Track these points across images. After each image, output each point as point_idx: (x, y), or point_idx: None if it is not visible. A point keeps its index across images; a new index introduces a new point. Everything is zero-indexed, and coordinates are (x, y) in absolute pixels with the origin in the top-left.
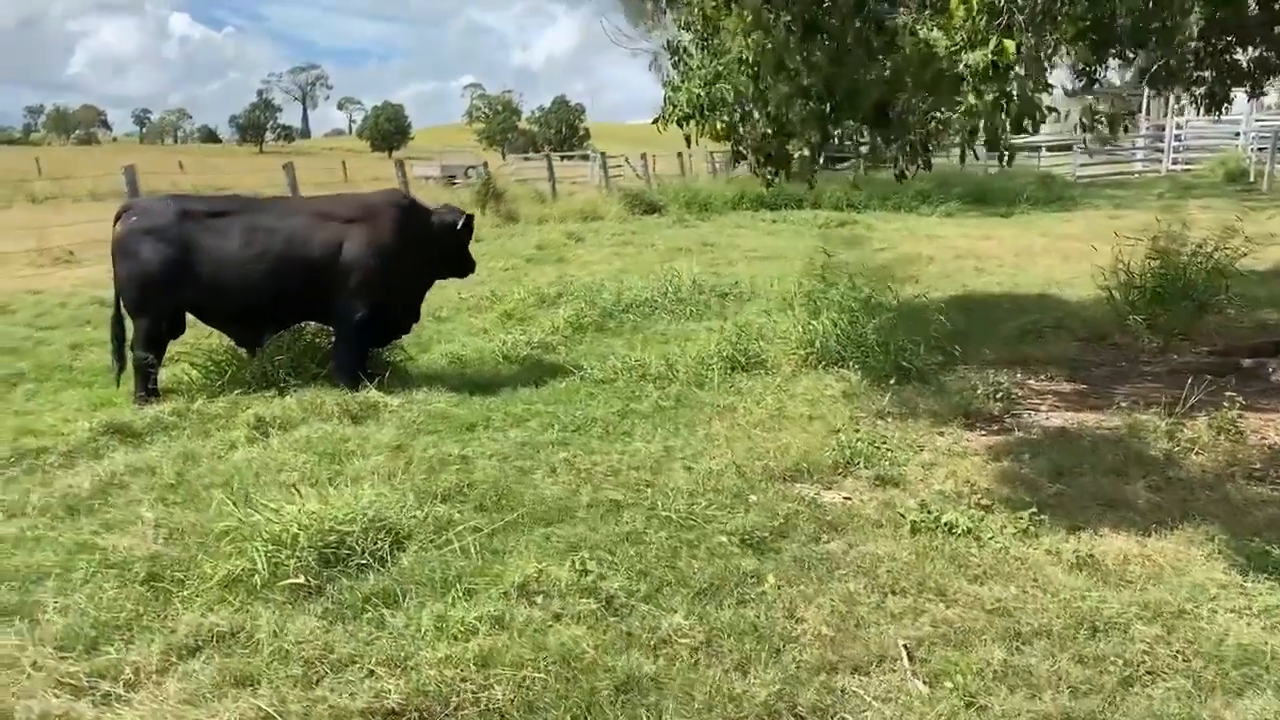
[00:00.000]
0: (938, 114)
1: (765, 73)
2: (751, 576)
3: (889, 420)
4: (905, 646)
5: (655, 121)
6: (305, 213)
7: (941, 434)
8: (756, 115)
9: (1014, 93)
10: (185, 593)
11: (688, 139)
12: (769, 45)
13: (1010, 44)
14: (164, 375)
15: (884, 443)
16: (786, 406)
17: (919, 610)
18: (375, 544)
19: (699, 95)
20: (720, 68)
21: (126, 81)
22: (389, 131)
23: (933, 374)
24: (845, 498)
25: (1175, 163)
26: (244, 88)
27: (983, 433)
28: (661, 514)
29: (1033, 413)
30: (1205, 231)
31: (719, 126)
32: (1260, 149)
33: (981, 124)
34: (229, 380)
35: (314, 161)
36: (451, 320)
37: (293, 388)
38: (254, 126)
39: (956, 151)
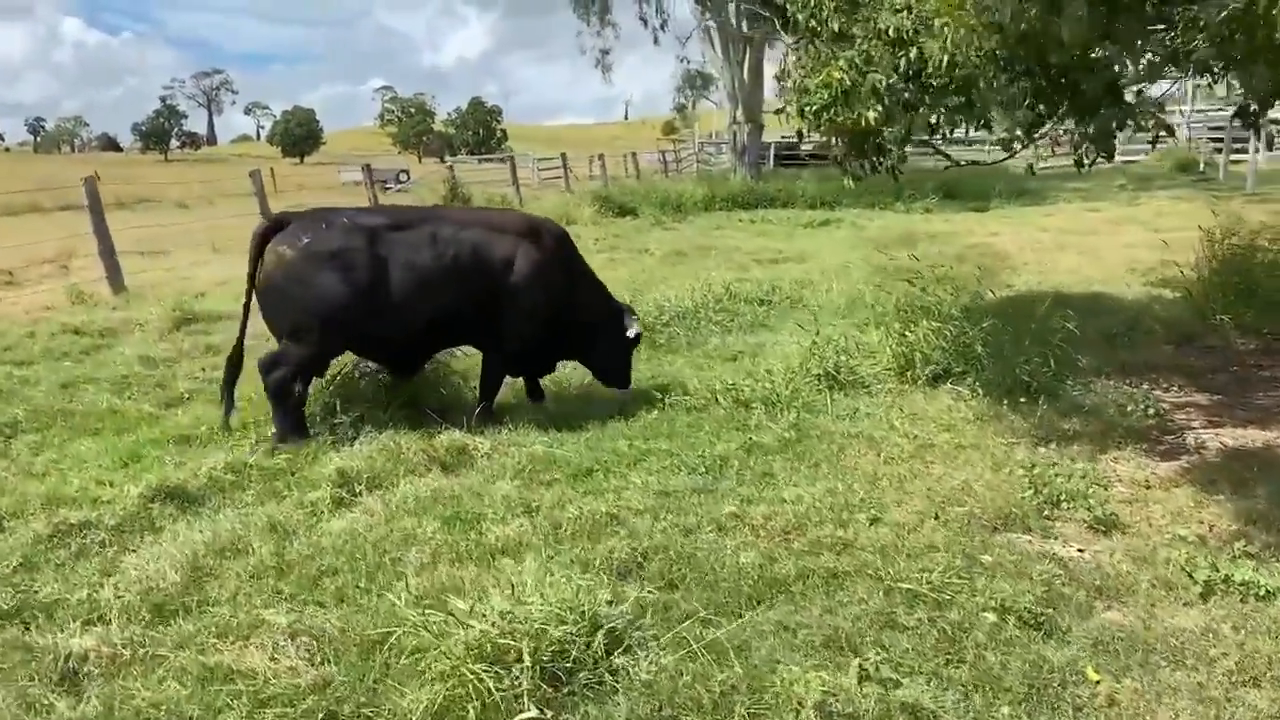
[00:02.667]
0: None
1: (971, 50)
2: (1067, 670)
3: (1051, 447)
4: None
5: (779, 112)
6: (477, 224)
7: (1117, 460)
8: (913, 102)
9: None
10: None
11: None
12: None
13: None
14: (185, 419)
15: (1071, 476)
16: (924, 434)
17: None
18: (592, 648)
19: (842, 82)
20: (875, 49)
21: (17, 89)
22: (300, 136)
23: (1057, 388)
24: (1079, 549)
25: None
26: (145, 94)
27: (1160, 458)
28: (896, 585)
29: (1191, 431)
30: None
31: (872, 117)
32: (1211, 139)
33: None
34: (267, 422)
35: (227, 169)
36: None
37: (345, 429)
38: (158, 134)
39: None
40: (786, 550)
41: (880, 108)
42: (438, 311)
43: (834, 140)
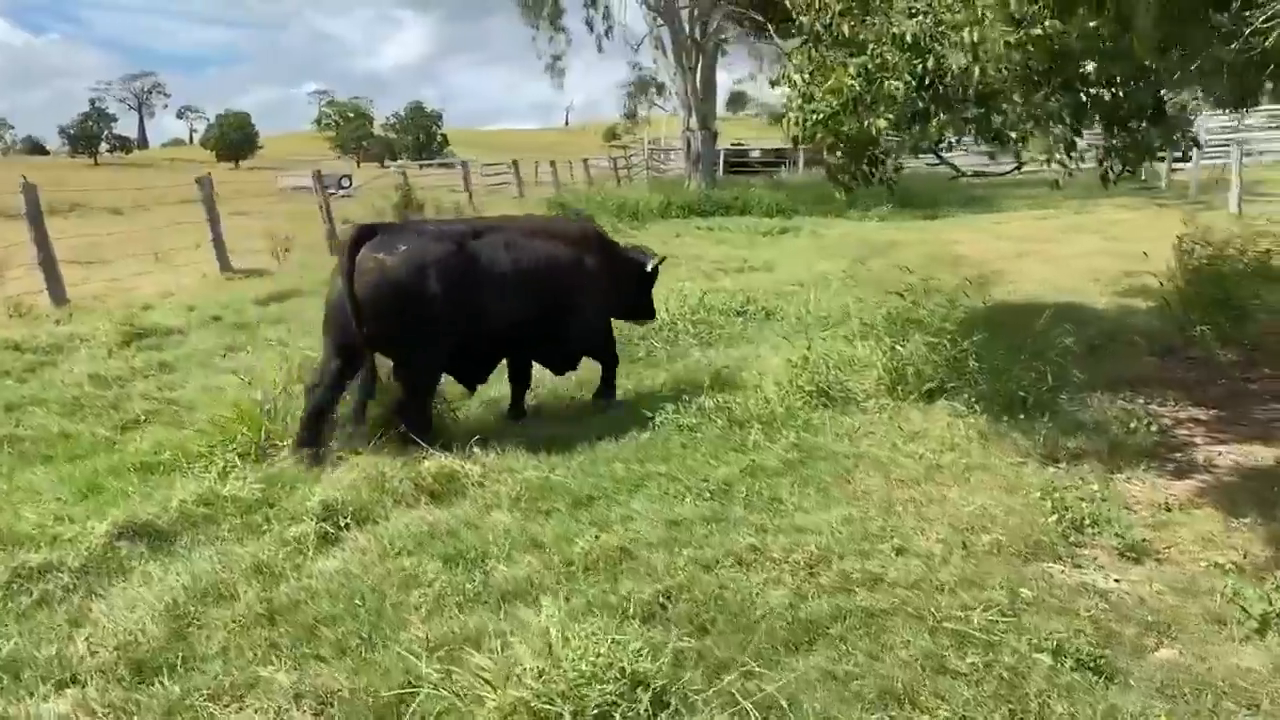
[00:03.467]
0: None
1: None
2: None
3: (1061, 467)
4: None
5: (780, 121)
6: (540, 234)
7: (1130, 480)
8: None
9: None
10: None
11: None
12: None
13: None
14: (144, 444)
15: (1091, 499)
16: (929, 454)
17: None
18: (637, 711)
19: (852, 88)
20: (891, 55)
21: None
22: (236, 141)
23: (1052, 403)
24: (1115, 579)
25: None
26: (72, 97)
27: (1172, 476)
28: (941, 626)
29: (1195, 448)
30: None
31: (882, 126)
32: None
33: None
34: (229, 446)
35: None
36: None
37: (327, 454)
38: (87, 137)
39: None
40: (815, 586)
41: (890, 116)
42: (515, 318)
43: (826, 151)
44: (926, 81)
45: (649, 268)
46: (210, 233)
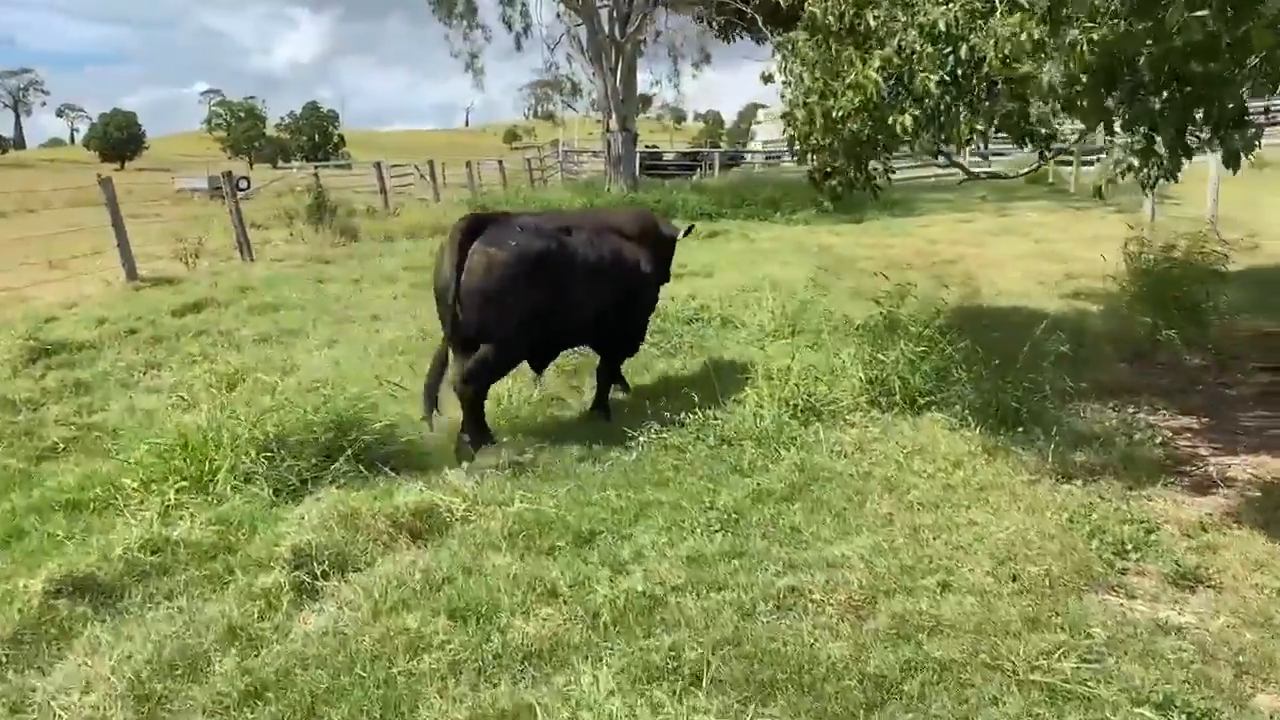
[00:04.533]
0: None
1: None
2: None
3: (1076, 484)
4: None
5: (784, 116)
6: (608, 228)
7: (1151, 498)
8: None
9: None
10: None
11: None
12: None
13: None
14: (68, 478)
15: (1124, 521)
16: (937, 472)
17: None
18: None
19: (878, 85)
20: (920, 45)
21: None
22: (120, 140)
23: (1043, 413)
24: (1190, 614)
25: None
26: None
27: (1192, 492)
28: (1027, 679)
29: (1202, 460)
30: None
31: (908, 123)
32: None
33: None
34: (170, 480)
35: (40, 175)
36: (401, 373)
37: (288, 488)
38: None
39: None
40: (871, 634)
41: (916, 113)
42: (595, 310)
43: (812, 154)
44: (959, 74)
45: (681, 235)
46: (114, 238)
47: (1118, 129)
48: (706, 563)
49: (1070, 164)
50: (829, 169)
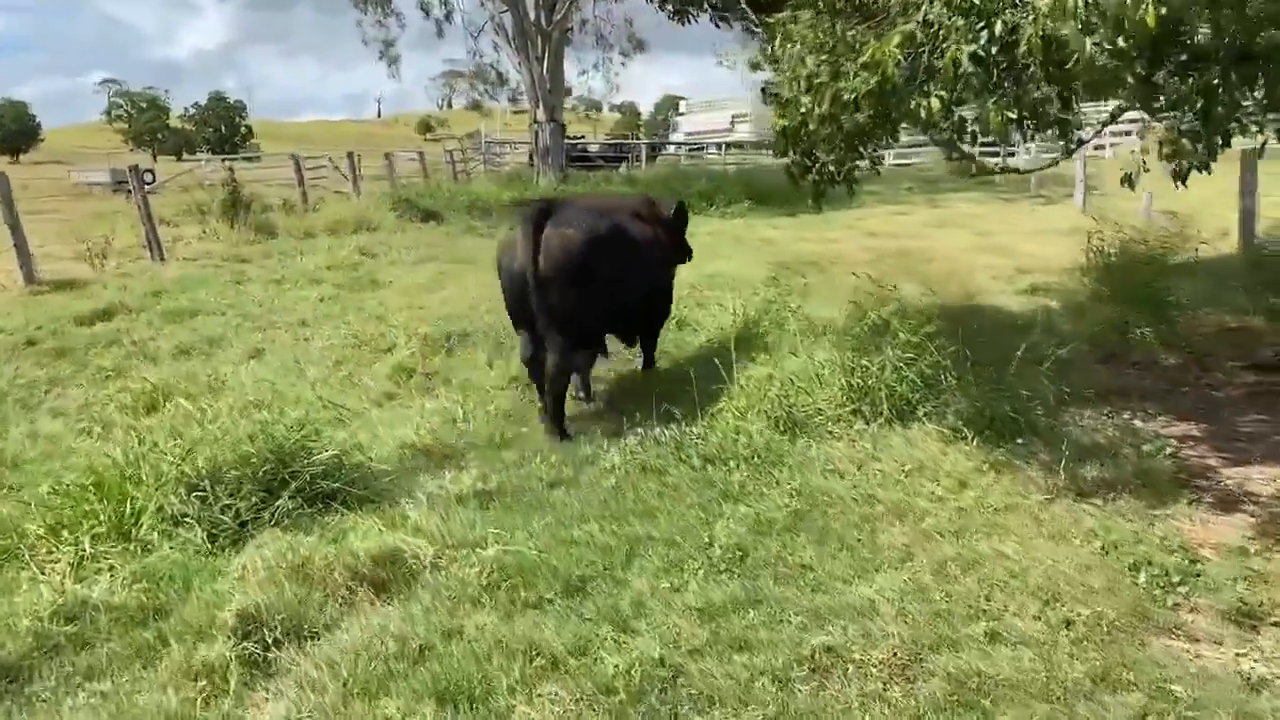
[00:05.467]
0: None
1: None
2: None
3: (1094, 503)
4: None
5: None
6: (640, 215)
7: (1175, 517)
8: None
9: None
10: None
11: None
12: None
13: None
14: None
15: (1159, 546)
16: (944, 494)
17: None
18: None
19: (898, 63)
20: (944, 19)
21: None
22: (13, 132)
23: (1037, 421)
24: (1254, 660)
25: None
26: None
27: (1218, 510)
28: None
29: (1214, 472)
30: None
31: (935, 107)
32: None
33: None
34: (84, 525)
35: None
36: (341, 389)
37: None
38: None
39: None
40: (927, 700)
41: (943, 95)
42: (646, 289)
43: (790, 145)
44: (994, 51)
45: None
46: (10, 238)
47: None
48: (720, 615)
49: (997, 154)
50: (811, 163)
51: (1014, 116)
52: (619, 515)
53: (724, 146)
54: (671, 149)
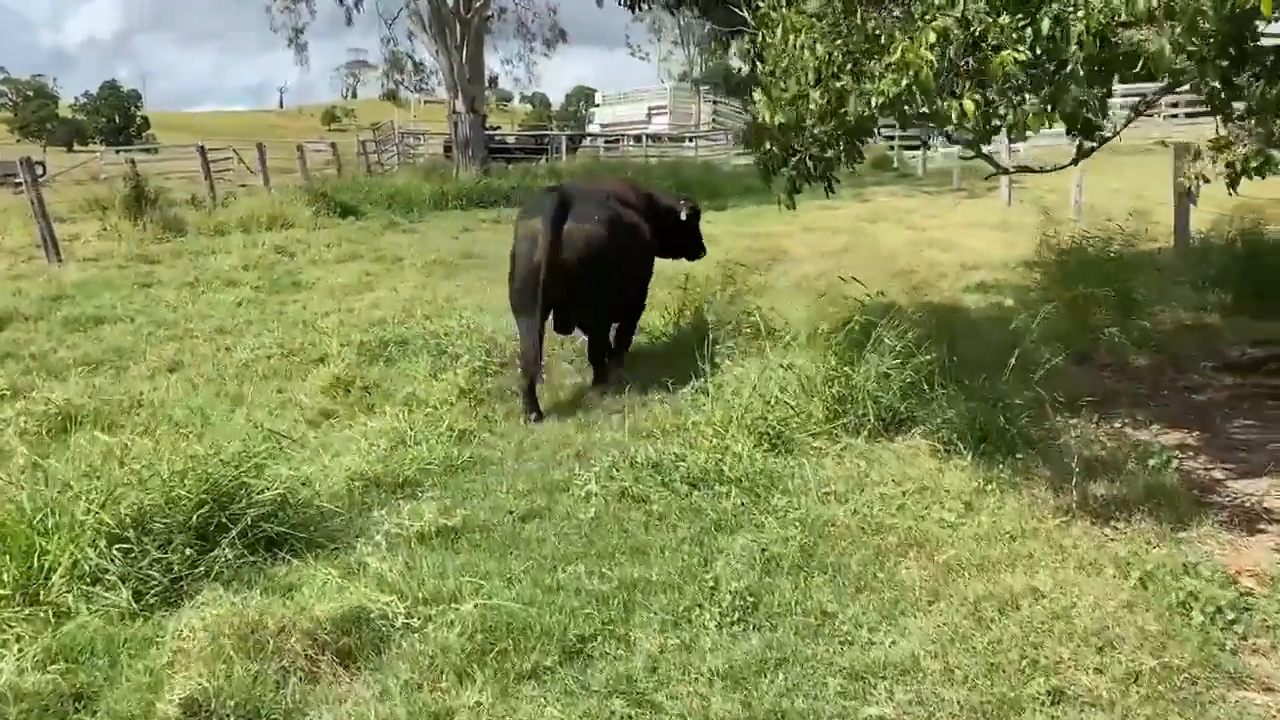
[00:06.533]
0: None
1: None
2: None
3: (1114, 527)
4: None
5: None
6: (629, 199)
7: (1202, 540)
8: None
9: None
10: None
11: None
12: None
13: None
14: None
15: (1215, 581)
16: (954, 519)
17: None
18: None
19: (930, 62)
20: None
21: None
22: None
23: (1026, 431)
24: None
25: None
26: None
27: (1243, 532)
28: None
29: (1228, 488)
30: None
31: (970, 108)
32: (901, 137)
33: None
34: None
35: None
36: (273, 408)
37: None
38: None
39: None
40: None
41: (977, 98)
42: (647, 278)
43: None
44: (1037, 52)
45: (683, 216)
46: None
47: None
48: (746, 679)
49: (916, 148)
50: (789, 156)
51: (1053, 118)
52: (606, 554)
53: (643, 139)
54: (588, 141)
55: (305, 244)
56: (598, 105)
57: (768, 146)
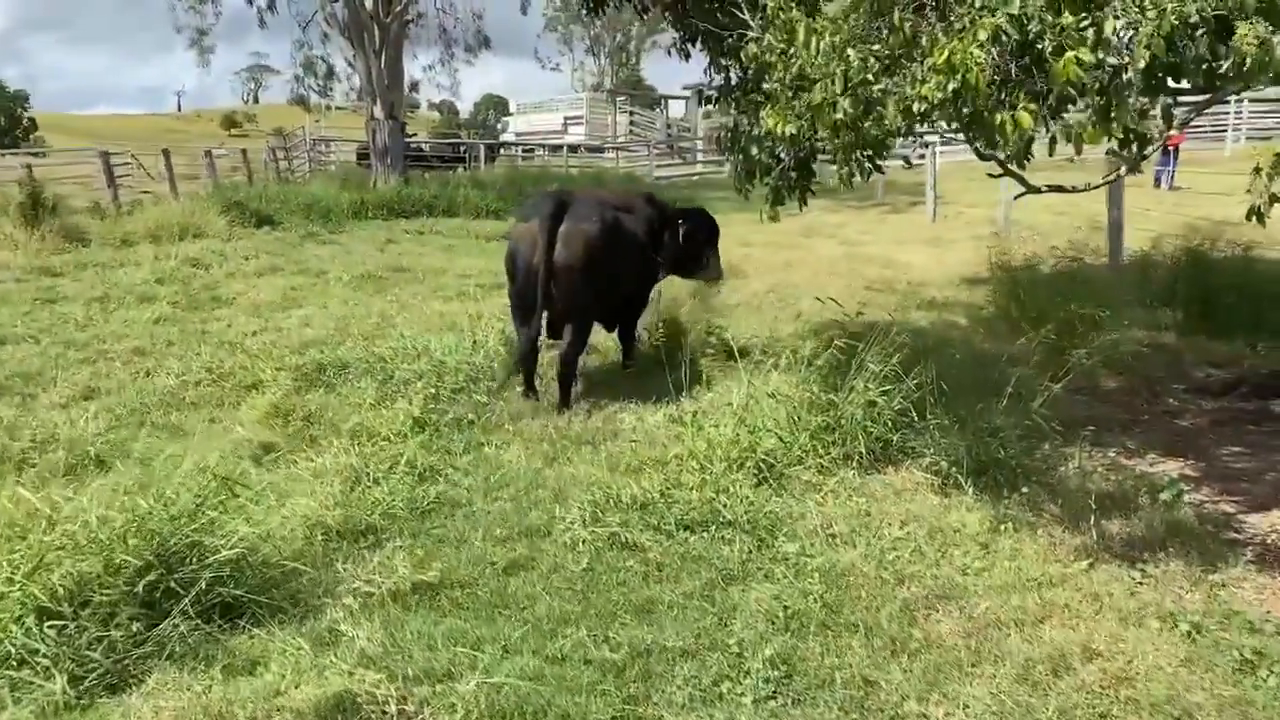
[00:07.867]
0: None
1: None
2: None
3: (1143, 570)
4: None
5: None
6: (633, 206)
7: (1237, 586)
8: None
9: None
10: None
11: None
12: None
13: None
14: None
15: (1259, 630)
16: (976, 566)
17: None
18: None
19: (980, 65)
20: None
21: None
22: None
23: (1023, 460)
24: None
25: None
26: None
27: (1271, 569)
28: None
29: (1244, 522)
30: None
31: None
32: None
33: None
34: None
35: None
36: (214, 437)
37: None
38: None
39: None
40: None
41: (1032, 108)
42: (635, 283)
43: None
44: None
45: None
46: None
47: None
48: None
49: (831, 162)
50: (774, 164)
51: (1112, 132)
52: (607, 614)
53: (561, 149)
54: (503, 151)
55: (221, 255)
56: (512, 114)
57: (754, 153)
